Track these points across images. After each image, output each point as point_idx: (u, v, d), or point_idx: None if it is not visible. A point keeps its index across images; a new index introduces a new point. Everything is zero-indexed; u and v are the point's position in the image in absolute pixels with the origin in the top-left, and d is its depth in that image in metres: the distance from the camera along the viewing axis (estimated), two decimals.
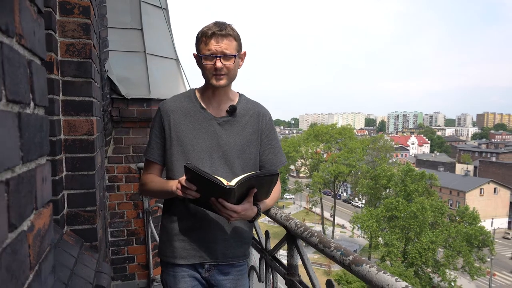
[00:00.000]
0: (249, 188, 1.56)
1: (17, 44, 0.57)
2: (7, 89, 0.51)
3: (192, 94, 1.80)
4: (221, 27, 1.61)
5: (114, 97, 3.61)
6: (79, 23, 1.87)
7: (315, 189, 45.32)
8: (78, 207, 1.88)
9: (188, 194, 1.53)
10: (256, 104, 1.86)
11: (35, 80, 0.67)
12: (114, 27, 3.73)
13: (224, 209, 1.53)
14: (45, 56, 0.79)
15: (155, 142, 1.78)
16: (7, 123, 0.51)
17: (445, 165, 66.99)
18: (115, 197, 3.73)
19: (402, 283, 0.97)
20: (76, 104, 1.86)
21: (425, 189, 32.11)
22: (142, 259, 3.79)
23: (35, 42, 0.69)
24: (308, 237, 1.41)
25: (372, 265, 1.08)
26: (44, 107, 0.75)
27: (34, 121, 0.66)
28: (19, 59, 0.57)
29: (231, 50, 1.63)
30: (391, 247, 27.63)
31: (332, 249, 1.26)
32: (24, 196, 0.58)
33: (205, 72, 1.67)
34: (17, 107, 0.55)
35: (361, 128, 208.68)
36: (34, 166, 0.65)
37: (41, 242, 0.68)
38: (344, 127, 51.49)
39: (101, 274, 1.77)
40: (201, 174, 1.45)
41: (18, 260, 0.54)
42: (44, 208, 0.73)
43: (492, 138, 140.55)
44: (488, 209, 45.12)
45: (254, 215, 1.64)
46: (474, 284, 31.90)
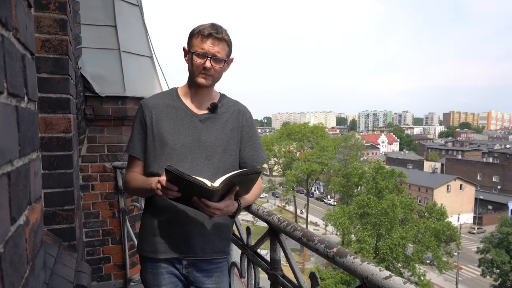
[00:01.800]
0: (231, 186, 1.58)
1: (13, 38, 0.56)
2: (8, 82, 0.51)
3: (174, 92, 1.82)
4: (218, 30, 1.65)
5: (88, 95, 3.54)
6: (55, 18, 1.83)
7: (288, 187, 45.65)
8: (56, 206, 1.84)
9: (170, 194, 1.53)
10: (237, 102, 1.91)
11: (28, 74, 0.67)
12: (87, 23, 3.66)
13: (207, 207, 1.55)
14: (34, 50, 0.78)
15: (137, 138, 1.77)
16: (9, 116, 0.51)
17: (414, 162, 68.81)
18: (90, 197, 3.66)
19: (385, 272, 1.01)
20: (53, 102, 1.83)
21: (395, 186, 32.83)
22: (118, 259, 3.74)
23: (28, 36, 0.68)
24: (291, 231, 1.44)
25: (356, 257, 1.12)
26: (34, 102, 0.74)
27: (28, 116, 0.65)
28: (16, 53, 0.57)
29: (223, 54, 1.68)
30: (363, 244, 28.16)
31: (316, 242, 1.29)
32: (21, 190, 0.58)
33: (193, 68, 1.70)
34: (14, 101, 0.55)
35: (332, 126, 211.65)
36: (28, 161, 0.65)
37: (35, 237, 0.68)
38: (316, 126, 52.01)
39: (81, 273, 1.75)
40: (183, 177, 1.45)
41: (18, 253, 0.54)
42: (36, 203, 0.72)
43: (457, 136, 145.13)
44: (454, 205, 46.59)
45: (234, 210, 1.66)
46: (442, 277, 32.92)
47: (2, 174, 0.48)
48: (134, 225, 3.79)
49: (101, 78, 3.63)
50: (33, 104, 0.74)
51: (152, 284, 1.80)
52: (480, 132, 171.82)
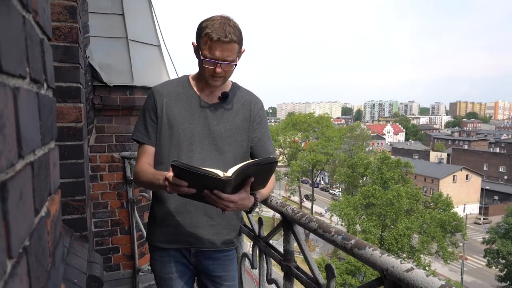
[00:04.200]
0: (246, 177, 1.49)
1: (33, 21, 0.54)
2: (30, 67, 0.48)
3: (186, 80, 1.78)
4: (226, 33, 1.55)
5: (96, 85, 3.52)
6: (65, 5, 1.81)
7: (293, 178, 45.66)
8: (67, 196, 1.83)
9: (180, 190, 1.43)
10: (249, 92, 1.86)
11: (47, 60, 0.64)
12: (94, 12, 3.62)
13: (220, 200, 1.46)
14: (51, 35, 0.75)
15: (151, 126, 1.72)
16: (32, 103, 0.49)
17: (420, 153, 68.53)
18: (98, 187, 3.66)
19: (407, 265, 0.98)
20: (64, 90, 1.81)
21: (401, 177, 32.75)
22: (127, 249, 3.75)
23: (45, 19, 0.65)
24: (306, 222, 1.41)
25: (375, 248, 1.09)
26: (52, 89, 0.72)
27: (47, 103, 0.63)
28: (36, 37, 0.55)
29: (233, 55, 1.61)
30: (368, 234, 28.18)
31: (332, 233, 1.27)
32: (43, 180, 0.56)
33: (203, 71, 1.65)
34: (35, 87, 0.53)
35: (338, 117, 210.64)
36: (47, 150, 0.63)
37: (55, 229, 0.66)
38: (321, 116, 51.86)
39: (93, 264, 1.74)
40: (192, 170, 1.35)
41: (42, 246, 0.52)
42: (55, 194, 0.70)
43: (464, 126, 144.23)
44: (460, 195, 46.41)
45: (251, 205, 1.60)
46: (447, 268, 32.94)
47: (26, 164, 0.45)
48: (143, 215, 3.79)
49: (109, 67, 3.61)
50: (51, 92, 0.72)
51: (160, 272, 1.80)
52: (487, 122, 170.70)
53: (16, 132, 0.41)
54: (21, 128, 0.42)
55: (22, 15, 0.47)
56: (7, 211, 0.37)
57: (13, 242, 0.38)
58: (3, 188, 0.36)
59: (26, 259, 0.42)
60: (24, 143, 0.44)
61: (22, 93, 0.43)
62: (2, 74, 0.37)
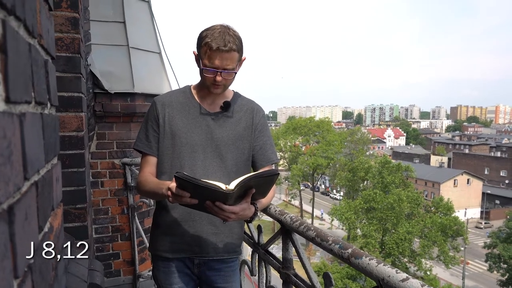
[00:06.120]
0: (247, 189, 1.51)
1: (38, 45, 0.56)
2: (35, 91, 0.50)
3: (188, 90, 1.81)
4: (225, 42, 1.58)
5: (97, 92, 3.55)
6: (67, 17, 1.83)
7: (294, 182, 45.63)
8: (69, 204, 1.85)
9: (182, 201, 1.46)
10: (250, 101, 1.88)
11: (51, 80, 0.66)
12: (96, 20, 3.66)
13: (221, 211, 1.48)
14: (55, 54, 0.78)
15: (153, 136, 1.74)
16: (36, 125, 0.51)
17: (421, 157, 68.49)
18: (99, 193, 3.68)
19: (402, 274, 1.00)
20: (65, 100, 1.83)
21: (402, 181, 32.73)
22: (128, 255, 3.76)
23: (49, 41, 0.68)
24: (304, 231, 1.43)
25: (371, 258, 1.11)
26: (55, 107, 0.74)
27: (50, 121, 0.65)
28: (40, 60, 0.57)
29: (233, 64, 1.64)
30: (369, 238, 28.16)
31: (330, 242, 1.28)
32: (46, 197, 0.58)
33: (204, 80, 1.68)
34: (40, 108, 0.55)
35: (338, 121, 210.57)
36: (50, 167, 0.65)
37: (57, 243, 0.68)
38: (322, 120, 51.85)
39: (94, 271, 1.76)
40: (194, 182, 1.37)
41: (45, 262, 0.54)
42: (58, 208, 0.72)
43: (465, 130, 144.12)
44: (461, 199, 46.31)
45: (251, 215, 1.62)
46: (448, 272, 32.84)
47: (30, 184, 0.48)
48: (143, 222, 3.81)
49: (110, 74, 3.64)
50: (54, 109, 0.74)
51: (163, 282, 1.80)
52: (488, 126, 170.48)
53: (22, 156, 0.43)
54: (26, 152, 0.44)
55: (28, 43, 0.49)
56: (14, 234, 0.39)
57: (19, 262, 0.40)
58: (10, 212, 0.38)
59: (30, 277, 0.44)
60: (29, 166, 0.46)
61: (27, 118, 0.46)
62: (9, 103, 0.39)
